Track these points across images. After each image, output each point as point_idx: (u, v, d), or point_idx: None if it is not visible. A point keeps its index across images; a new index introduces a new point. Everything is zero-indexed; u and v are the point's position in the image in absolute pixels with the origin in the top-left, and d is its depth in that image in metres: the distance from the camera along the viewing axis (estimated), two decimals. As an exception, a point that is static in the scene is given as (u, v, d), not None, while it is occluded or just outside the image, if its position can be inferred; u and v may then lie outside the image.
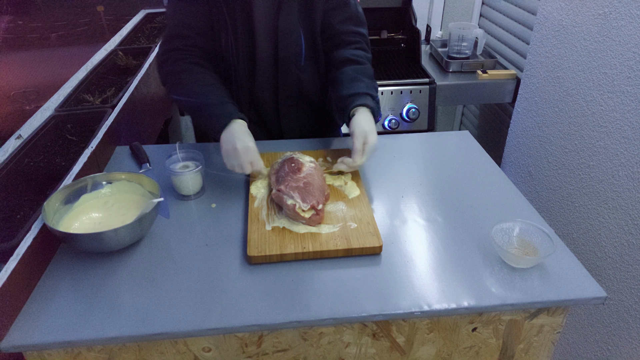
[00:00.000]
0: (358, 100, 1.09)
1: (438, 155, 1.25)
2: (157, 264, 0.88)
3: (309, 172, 1.02)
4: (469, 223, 0.98)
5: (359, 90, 1.11)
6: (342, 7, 1.19)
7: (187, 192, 1.05)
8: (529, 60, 1.65)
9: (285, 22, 1.14)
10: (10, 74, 1.20)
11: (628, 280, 1.25)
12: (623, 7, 1.21)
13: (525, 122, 1.71)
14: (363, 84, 1.13)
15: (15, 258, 0.79)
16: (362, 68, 1.17)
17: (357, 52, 1.19)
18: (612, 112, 1.27)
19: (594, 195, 1.36)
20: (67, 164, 1.08)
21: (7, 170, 1.03)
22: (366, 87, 1.12)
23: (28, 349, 0.75)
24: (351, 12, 1.20)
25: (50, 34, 1.44)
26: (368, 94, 1.11)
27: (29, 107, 1.23)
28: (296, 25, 1.15)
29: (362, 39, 1.22)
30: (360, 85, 1.12)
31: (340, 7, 1.18)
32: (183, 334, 0.76)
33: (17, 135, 1.13)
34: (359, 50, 1.20)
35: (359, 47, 1.20)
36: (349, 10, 1.19)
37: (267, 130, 1.33)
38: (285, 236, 0.91)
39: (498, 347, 0.90)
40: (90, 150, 1.10)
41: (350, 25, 1.20)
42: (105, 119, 1.25)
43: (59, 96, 1.36)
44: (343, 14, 1.19)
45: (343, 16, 1.19)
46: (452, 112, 2.64)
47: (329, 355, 0.86)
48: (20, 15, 1.29)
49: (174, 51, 1.12)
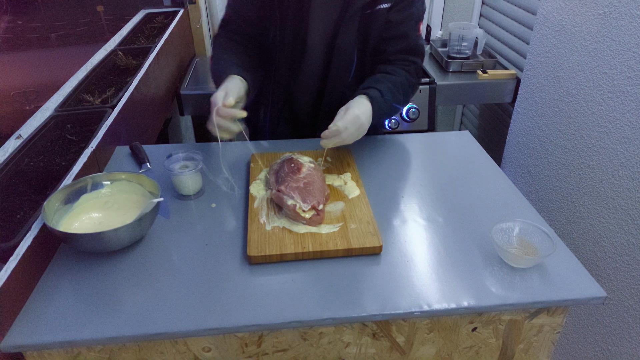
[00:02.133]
0: (363, 90, 1.09)
1: (438, 155, 1.25)
2: (157, 264, 0.88)
3: (309, 173, 1.02)
4: (469, 223, 0.98)
5: (371, 85, 1.10)
6: (400, 39, 1.18)
7: (187, 192, 1.05)
8: (529, 60, 1.65)
9: (343, 41, 1.15)
10: (10, 74, 1.20)
11: (628, 280, 1.25)
12: (623, 7, 1.21)
13: (525, 122, 1.71)
14: (380, 84, 1.11)
15: (15, 258, 0.79)
16: (391, 76, 1.15)
17: (399, 69, 1.18)
18: (612, 112, 1.27)
19: (594, 195, 1.36)
20: (67, 164, 1.08)
21: (7, 170, 1.03)
22: (380, 85, 1.11)
23: (28, 349, 0.75)
24: (409, 45, 1.18)
25: (50, 34, 1.45)
26: (376, 88, 1.10)
27: (29, 107, 1.23)
28: (352, 45, 1.16)
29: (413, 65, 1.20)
30: (377, 84, 1.11)
31: (398, 39, 1.17)
32: (183, 334, 0.76)
33: (17, 135, 1.13)
34: (402, 71, 1.18)
35: (404, 68, 1.19)
36: (408, 43, 1.18)
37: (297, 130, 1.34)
38: (285, 236, 0.91)
39: (498, 347, 0.90)
40: (90, 150, 1.10)
41: (404, 55, 1.19)
42: (105, 119, 1.25)
43: (58, 96, 1.36)
44: (400, 45, 1.18)
45: (399, 47, 1.18)
46: (452, 112, 2.64)
47: (329, 355, 0.86)
48: (20, 15, 1.29)
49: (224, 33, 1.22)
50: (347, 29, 1.14)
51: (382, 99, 1.09)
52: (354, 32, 1.15)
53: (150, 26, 2.08)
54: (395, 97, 1.14)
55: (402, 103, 1.18)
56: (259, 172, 1.12)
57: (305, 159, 1.08)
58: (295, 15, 1.15)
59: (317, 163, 1.10)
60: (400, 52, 1.18)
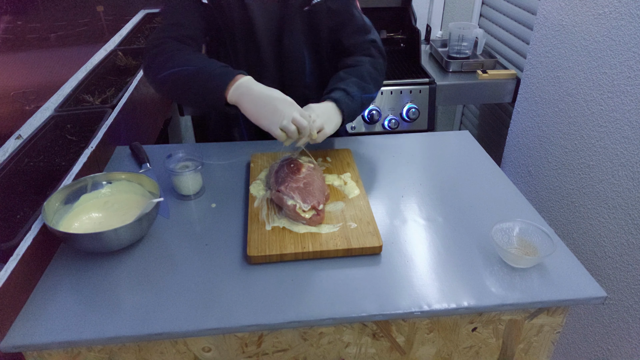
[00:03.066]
0: (326, 96, 1.08)
1: (438, 155, 1.25)
2: (157, 264, 0.88)
3: (309, 173, 1.02)
4: (469, 223, 0.98)
5: (336, 86, 1.09)
6: (348, 22, 1.17)
7: (187, 192, 1.05)
8: (529, 60, 1.65)
9: (289, 43, 1.14)
10: (10, 74, 1.20)
11: (628, 280, 1.25)
12: (623, 7, 1.21)
13: (525, 122, 1.71)
14: (345, 82, 1.10)
15: (15, 258, 0.79)
16: (355, 69, 1.14)
17: (360, 57, 1.17)
18: (612, 112, 1.27)
19: (594, 195, 1.36)
20: (67, 164, 1.08)
21: (7, 170, 1.03)
22: (345, 83, 1.10)
23: (28, 349, 0.75)
24: (357, 24, 1.18)
25: (50, 34, 1.44)
26: (342, 89, 1.08)
27: (28, 107, 1.23)
28: (300, 45, 1.15)
29: (371, 45, 1.19)
30: (341, 83, 1.10)
31: (346, 22, 1.17)
32: (183, 334, 0.76)
33: (17, 135, 1.13)
34: (364, 57, 1.17)
35: (365, 54, 1.18)
36: (355, 22, 1.18)
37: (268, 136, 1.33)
38: (285, 236, 0.91)
39: (498, 347, 0.90)
40: (90, 150, 1.10)
41: (358, 37, 1.18)
42: (105, 119, 1.25)
43: (58, 96, 1.36)
44: (350, 28, 1.17)
45: (350, 30, 1.17)
46: (452, 112, 2.64)
47: (329, 355, 0.86)
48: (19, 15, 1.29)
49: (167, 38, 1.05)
50: (291, 31, 1.13)
51: (348, 97, 1.08)
52: (299, 32, 1.14)
53: (150, 26, 2.08)
54: (365, 88, 1.12)
55: (374, 91, 1.15)
56: (259, 172, 1.12)
57: (304, 159, 1.08)
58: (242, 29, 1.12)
59: (316, 163, 1.10)
60: (353, 36, 1.17)
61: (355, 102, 1.09)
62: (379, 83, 1.18)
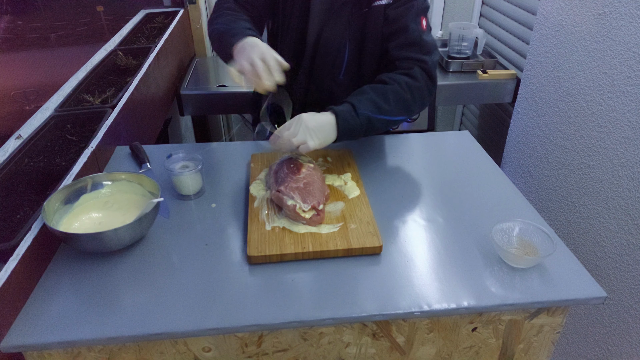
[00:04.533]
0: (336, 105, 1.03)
1: (438, 155, 1.25)
2: (157, 264, 0.88)
3: (309, 173, 1.02)
4: (469, 223, 0.98)
5: (349, 99, 1.05)
6: (400, 33, 1.11)
7: (187, 192, 1.05)
8: (529, 60, 1.65)
9: (328, 34, 1.12)
10: (10, 74, 1.20)
11: (628, 280, 1.25)
12: (623, 7, 1.21)
13: (525, 122, 1.71)
14: (361, 96, 1.04)
15: (15, 258, 0.79)
16: (383, 87, 1.06)
17: (397, 76, 1.08)
18: (612, 112, 1.27)
19: (594, 195, 1.36)
20: (67, 164, 1.08)
21: (7, 170, 1.03)
22: (358, 99, 1.04)
23: (28, 349, 0.75)
24: (410, 37, 1.10)
25: (50, 34, 1.45)
26: (350, 103, 1.03)
27: (29, 107, 1.23)
28: (340, 40, 1.12)
29: (418, 64, 1.09)
30: (355, 97, 1.05)
31: (398, 33, 1.11)
32: (183, 334, 0.76)
33: (17, 135, 1.13)
34: (403, 75, 1.08)
35: (407, 73, 1.09)
36: (408, 35, 1.10)
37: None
38: (285, 236, 0.91)
39: (498, 347, 0.90)
40: (90, 150, 1.10)
41: (406, 52, 1.11)
42: (105, 119, 1.25)
43: (58, 96, 1.36)
44: (400, 39, 1.11)
45: (400, 42, 1.11)
46: (452, 112, 2.64)
47: (329, 355, 0.86)
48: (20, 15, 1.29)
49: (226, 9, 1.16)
50: (334, 22, 1.12)
51: (353, 114, 1.01)
52: (341, 26, 1.12)
53: (150, 26, 2.08)
54: (382, 109, 1.04)
55: (396, 114, 1.07)
56: (259, 172, 1.12)
57: (304, 159, 1.08)
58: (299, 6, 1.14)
59: (316, 163, 1.10)
60: (402, 49, 1.11)
61: (360, 121, 1.02)
62: (409, 108, 1.08)
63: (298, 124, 0.97)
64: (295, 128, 0.97)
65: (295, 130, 0.97)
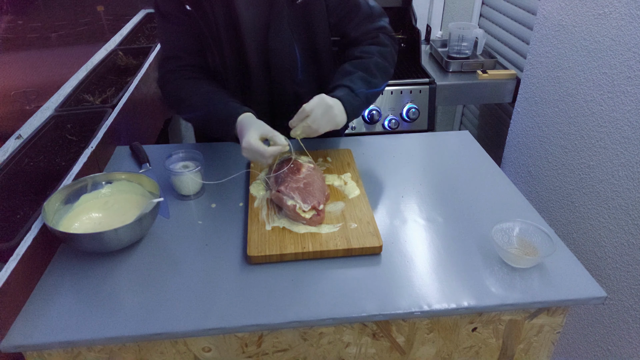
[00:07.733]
0: (333, 92, 1.05)
1: (438, 155, 1.25)
2: (157, 264, 0.88)
3: (309, 173, 1.02)
4: (469, 223, 0.98)
5: (341, 82, 1.07)
6: (353, 13, 1.12)
7: (187, 192, 1.05)
8: (529, 60, 1.65)
9: (276, 39, 1.10)
10: (10, 74, 1.20)
11: (628, 280, 1.25)
12: (623, 7, 1.21)
13: (525, 122, 1.71)
14: (351, 77, 1.07)
15: (15, 258, 0.79)
16: (362, 62, 1.10)
17: (368, 47, 1.12)
18: (612, 112, 1.27)
19: (594, 195, 1.36)
20: (67, 164, 1.08)
21: (7, 170, 1.03)
22: (350, 79, 1.07)
23: (28, 349, 0.75)
24: (363, 12, 1.13)
25: (51, 34, 1.45)
26: (344, 85, 1.06)
27: (29, 107, 1.23)
28: (289, 41, 1.11)
29: (380, 32, 1.14)
30: (346, 79, 1.07)
31: (351, 14, 1.12)
32: (183, 334, 0.76)
33: (17, 135, 1.13)
34: (372, 46, 1.13)
35: (374, 42, 1.13)
36: (361, 11, 1.12)
37: None
38: (285, 236, 0.91)
39: (498, 347, 0.90)
40: (90, 150, 1.10)
41: (365, 26, 1.13)
42: (105, 119, 1.25)
43: (59, 96, 1.36)
44: (356, 18, 1.13)
45: (357, 20, 1.13)
46: (452, 112, 2.64)
47: (329, 355, 0.86)
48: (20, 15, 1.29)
49: (168, 74, 1.13)
50: (278, 29, 1.09)
51: (353, 95, 1.05)
52: (286, 29, 1.10)
53: (150, 26, 2.08)
54: (371, 83, 1.09)
55: (381, 84, 1.12)
56: (259, 172, 1.12)
57: (304, 159, 1.08)
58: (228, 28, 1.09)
59: (316, 163, 1.10)
60: (360, 26, 1.13)
61: (360, 100, 1.06)
62: (389, 73, 1.14)
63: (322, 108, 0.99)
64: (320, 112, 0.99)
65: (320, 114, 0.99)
